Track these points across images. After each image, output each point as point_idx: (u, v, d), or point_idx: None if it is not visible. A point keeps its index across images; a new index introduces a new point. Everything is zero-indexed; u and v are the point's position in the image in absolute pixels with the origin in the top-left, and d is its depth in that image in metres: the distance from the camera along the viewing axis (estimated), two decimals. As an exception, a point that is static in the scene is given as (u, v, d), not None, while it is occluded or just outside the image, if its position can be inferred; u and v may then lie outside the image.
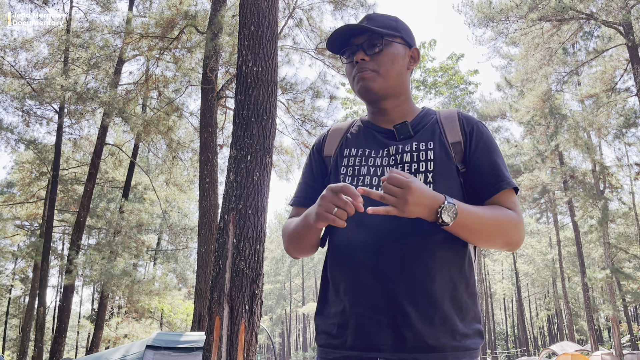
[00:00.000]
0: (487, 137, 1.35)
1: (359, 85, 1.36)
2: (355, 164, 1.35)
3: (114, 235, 17.14)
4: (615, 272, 22.52)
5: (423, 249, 1.22)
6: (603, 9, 16.86)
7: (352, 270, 1.26)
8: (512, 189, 1.30)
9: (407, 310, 1.19)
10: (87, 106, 13.94)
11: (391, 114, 1.40)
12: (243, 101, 5.08)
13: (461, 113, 1.40)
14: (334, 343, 1.27)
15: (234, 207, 4.77)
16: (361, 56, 1.34)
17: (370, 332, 1.20)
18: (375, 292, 1.21)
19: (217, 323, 4.53)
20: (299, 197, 1.47)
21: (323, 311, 1.34)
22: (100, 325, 17.22)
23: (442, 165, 1.29)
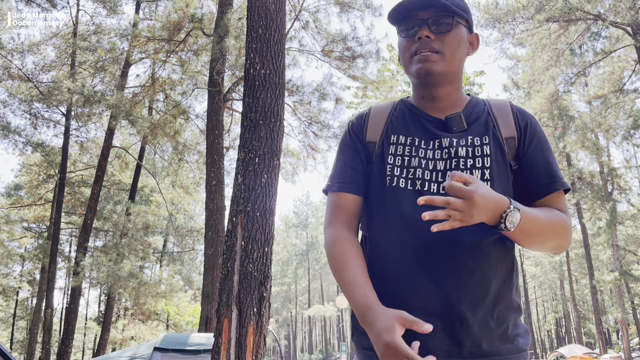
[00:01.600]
0: (540, 134, 1.28)
1: (419, 67, 1.21)
2: (405, 154, 1.24)
3: (120, 238, 17.20)
4: (624, 275, 22.36)
5: (478, 250, 1.15)
6: (611, 9, 16.77)
7: (403, 270, 1.16)
8: (563, 190, 1.24)
9: (464, 314, 1.12)
10: (94, 109, 14.00)
11: (443, 101, 1.27)
12: (251, 104, 5.07)
13: (514, 105, 1.31)
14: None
15: (242, 210, 4.76)
16: (427, 33, 1.21)
17: (423, 336, 1.11)
18: (430, 294, 1.14)
19: (226, 325, 4.51)
20: (344, 182, 1.28)
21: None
22: (107, 327, 17.26)
23: (498, 161, 1.21)
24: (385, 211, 1.22)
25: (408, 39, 1.25)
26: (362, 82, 13.88)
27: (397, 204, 1.20)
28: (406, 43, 1.25)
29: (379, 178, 1.24)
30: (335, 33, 13.22)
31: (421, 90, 1.29)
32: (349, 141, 1.33)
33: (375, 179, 1.26)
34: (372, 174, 1.27)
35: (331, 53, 13.15)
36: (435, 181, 1.20)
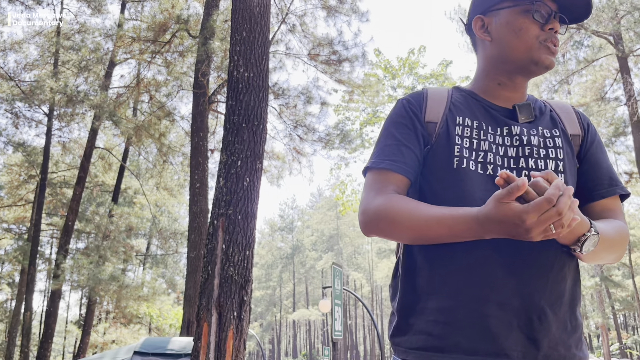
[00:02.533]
0: (599, 137, 1.25)
1: (549, 58, 1.15)
2: (473, 137, 1.14)
3: (102, 240, 16.99)
4: (604, 280, 22.67)
5: (554, 244, 1.05)
6: (593, 19, 17.04)
7: (473, 255, 1.04)
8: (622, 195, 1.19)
9: (545, 310, 1.02)
10: (77, 109, 13.85)
11: (516, 92, 1.21)
12: (234, 106, 5.05)
13: (574, 107, 1.28)
14: (438, 345, 1.03)
15: (223, 213, 4.73)
16: (559, 27, 1.16)
17: (496, 333, 1.00)
18: (507, 286, 1.02)
19: (205, 329, 4.47)
20: (397, 161, 1.13)
21: (414, 305, 1.09)
22: (87, 330, 17.03)
23: (568, 155, 1.15)
24: (450, 194, 1.10)
25: (534, 23, 1.15)
26: (349, 86, 13.92)
27: (466, 186, 1.09)
28: (531, 26, 1.15)
29: (444, 160, 1.12)
30: (322, 37, 13.25)
31: (504, 77, 1.21)
32: (405, 119, 1.18)
33: (437, 161, 1.13)
34: (433, 156, 1.14)
35: (317, 57, 13.17)
36: (508, 167, 1.12)
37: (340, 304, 9.88)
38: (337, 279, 10.11)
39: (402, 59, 21.80)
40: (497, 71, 1.21)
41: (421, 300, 1.08)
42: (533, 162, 1.12)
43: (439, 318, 1.04)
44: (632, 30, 16.68)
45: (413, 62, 21.79)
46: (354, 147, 14.58)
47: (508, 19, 1.17)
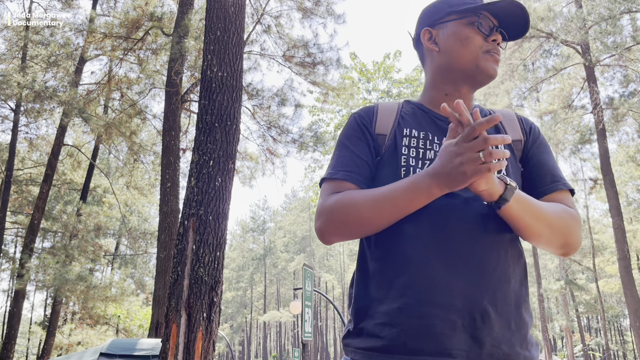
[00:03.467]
0: (543, 138, 1.30)
1: (492, 66, 1.23)
2: (420, 146, 1.19)
3: (70, 239, 16.63)
4: (569, 284, 23.24)
5: (499, 245, 1.10)
6: (562, 28, 17.48)
7: (420, 262, 1.07)
8: (569, 190, 1.23)
9: (487, 310, 1.05)
10: (45, 105, 13.52)
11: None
12: (207, 106, 5.02)
13: (517, 113, 1.34)
14: (385, 346, 1.06)
15: (194, 213, 4.70)
16: (500, 40, 1.25)
17: (440, 334, 1.03)
18: (450, 288, 1.05)
19: (174, 330, 4.43)
20: (350, 171, 1.19)
21: (367, 310, 1.13)
22: (52, 331, 16.63)
23: (510, 160, 1.21)
24: None
25: (479, 34, 1.24)
26: (323, 88, 13.96)
27: None
28: (477, 37, 1.23)
29: (392, 169, 1.18)
30: (297, 39, 13.26)
31: (450, 86, 1.28)
32: (358, 132, 1.25)
33: (386, 170, 1.19)
34: (382, 166, 1.20)
35: (292, 58, 13.17)
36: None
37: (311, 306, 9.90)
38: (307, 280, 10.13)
39: (378, 63, 21.99)
40: (444, 81, 1.28)
41: (373, 305, 1.12)
42: None
43: (386, 321, 1.07)
44: (599, 41, 17.18)
45: (388, 67, 22.01)
46: (328, 149, 14.63)
47: (455, 30, 1.25)
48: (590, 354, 31.60)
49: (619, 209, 16.19)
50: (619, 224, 15.86)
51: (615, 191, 16.36)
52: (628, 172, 23.42)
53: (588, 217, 25.86)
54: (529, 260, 33.67)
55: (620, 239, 15.71)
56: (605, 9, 16.52)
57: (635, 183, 23.86)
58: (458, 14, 1.25)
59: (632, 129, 20.80)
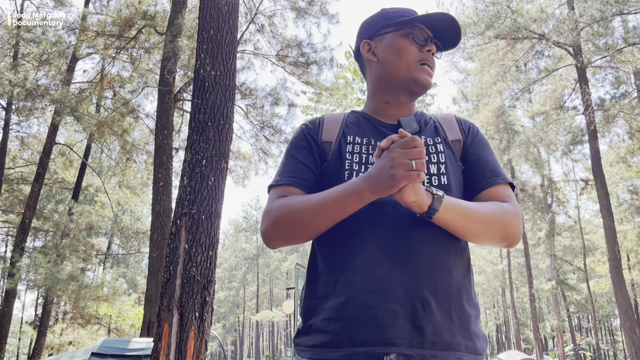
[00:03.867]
0: (482, 136, 1.36)
1: (426, 77, 1.30)
2: (363, 152, 1.25)
3: (61, 238, 16.53)
4: (560, 284, 23.38)
5: (439, 237, 1.14)
6: (554, 30, 17.58)
7: (360, 255, 1.12)
8: (508, 184, 1.28)
9: (428, 299, 1.08)
10: (36, 103, 13.44)
11: (402, 109, 1.35)
12: (200, 105, 5.01)
13: (457, 115, 1.40)
14: (331, 340, 1.10)
15: (187, 212, 4.69)
16: (434, 51, 1.33)
17: (382, 323, 1.06)
18: (391, 279, 1.09)
19: (166, 330, 4.42)
20: (294, 177, 1.25)
21: (315, 307, 1.16)
22: (43, 331, 16.53)
23: (450, 159, 1.26)
24: None
25: (414, 45, 1.31)
26: (317, 88, 13.97)
27: None
28: (412, 47, 1.31)
29: (336, 174, 1.24)
30: (291, 38, 13.26)
31: (390, 95, 1.35)
32: (303, 141, 1.32)
33: (331, 176, 1.25)
34: (328, 172, 1.26)
35: (286, 58, 13.17)
36: None
37: (304, 305, 9.88)
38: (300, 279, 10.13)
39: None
40: (384, 90, 1.35)
41: (320, 303, 1.15)
42: None
43: (332, 315, 1.11)
44: (591, 42, 17.29)
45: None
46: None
47: (391, 41, 1.32)
48: (581, 354, 31.81)
49: (610, 209, 16.31)
50: (609, 225, 15.98)
51: (606, 192, 16.48)
52: (619, 173, 23.59)
53: (579, 217, 26.02)
54: (521, 260, 33.86)
55: (611, 239, 15.83)
56: (597, 11, 16.63)
57: (625, 184, 24.04)
58: (394, 26, 1.32)
59: (622, 130, 20.96)
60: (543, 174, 24.41)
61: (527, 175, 27.88)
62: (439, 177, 1.22)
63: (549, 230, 23.48)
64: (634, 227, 22.54)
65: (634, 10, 16.16)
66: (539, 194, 25.57)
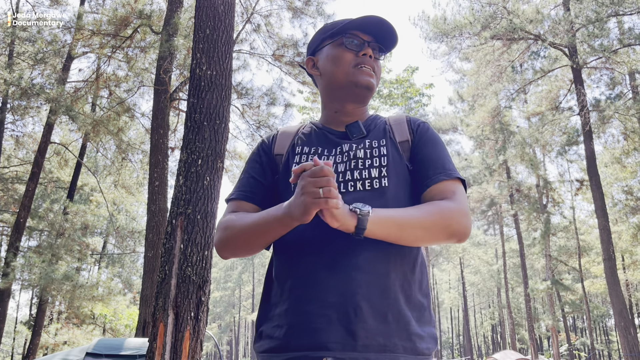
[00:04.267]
0: (431, 133, 1.36)
1: (365, 78, 1.33)
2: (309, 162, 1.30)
3: (56, 238, 16.47)
4: (555, 284, 23.45)
5: (376, 243, 1.17)
6: (550, 30, 17.63)
7: (302, 264, 1.19)
8: (456, 179, 1.27)
9: (360, 304, 1.12)
10: (31, 102, 13.38)
11: (352, 117, 1.39)
12: (196, 104, 5.00)
13: (409, 116, 1.42)
14: (276, 346, 1.17)
15: (182, 212, 4.68)
16: (371, 53, 1.35)
17: (317, 329, 1.12)
18: (326, 285, 1.14)
19: (161, 330, 4.41)
20: (245, 191, 1.35)
21: (266, 314, 1.24)
22: (37, 331, 16.46)
23: (395, 161, 1.29)
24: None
25: (349, 52, 1.35)
26: (313, 88, 13.96)
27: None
28: (346, 54, 1.35)
29: (286, 185, 1.31)
30: (287, 38, 13.24)
31: (337, 104, 1.39)
32: (256, 156, 1.42)
33: (281, 187, 1.33)
34: (279, 183, 1.34)
35: (282, 58, 13.15)
36: (337, 180, 1.26)
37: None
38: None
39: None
40: (331, 100, 1.40)
41: (271, 310, 1.23)
42: (358, 173, 1.27)
43: (278, 322, 1.19)
44: (587, 43, 17.35)
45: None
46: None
47: (328, 52, 1.38)
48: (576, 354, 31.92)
49: (605, 210, 16.37)
50: (604, 225, 16.04)
51: (601, 192, 16.54)
52: (614, 174, 23.68)
53: (574, 218, 26.10)
54: (516, 260, 33.94)
55: (606, 239, 15.89)
56: (593, 12, 16.68)
57: (620, 184, 24.13)
58: (329, 38, 1.39)
59: (617, 131, 21.04)
60: (538, 174, 24.48)
61: (522, 175, 27.98)
62: (380, 180, 1.25)
63: (544, 231, 23.55)
64: (629, 227, 22.62)
65: (630, 11, 16.23)
66: (535, 194, 25.64)
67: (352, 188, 1.25)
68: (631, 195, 22.82)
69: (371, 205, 1.15)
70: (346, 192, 1.24)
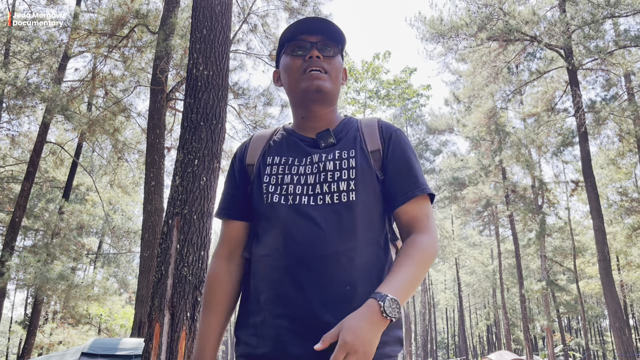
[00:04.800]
0: (404, 144, 1.36)
1: (311, 83, 1.32)
2: (279, 172, 1.33)
3: (52, 237, 16.43)
4: (550, 284, 23.53)
5: (344, 257, 1.21)
6: (546, 32, 17.69)
7: (273, 280, 1.23)
8: (427, 195, 1.30)
9: (326, 320, 1.17)
10: (27, 101, 13.33)
11: (320, 121, 1.38)
12: (192, 104, 5.01)
13: (381, 121, 1.41)
14: (253, 353, 1.24)
15: (178, 212, 4.68)
16: (317, 54, 1.33)
17: (288, 342, 1.18)
18: (295, 302, 1.20)
19: (157, 330, 4.41)
20: (223, 208, 1.42)
21: (244, 322, 1.30)
22: (33, 331, 16.41)
23: (364, 172, 1.29)
24: (263, 226, 1.31)
25: (296, 58, 1.35)
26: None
27: (273, 218, 1.28)
28: (294, 62, 1.35)
29: (258, 197, 1.33)
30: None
31: (301, 110, 1.39)
32: (230, 169, 1.45)
33: (255, 198, 1.35)
34: (252, 194, 1.37)
35: (279, 58, 13.14)
36: (306, 194, 1.28)
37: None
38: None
39: (367, 63, 22.09)
40: (297, 107, 1.41)
41: (248, 318, 1.29)
42: (327, 186, 1.27)
43: (254, 332, 1.25)
44: (582, 45, 17.42)
45: (376, 67, 22.12)
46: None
47: (282, 64, 1.40)
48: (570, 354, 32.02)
49: (600, 211, 16.44)
50: (599, 226, 16.10)
51: (596, 193, 16.60)
52: (609, 175, 23.78)
53: (570, 218, 26.20)
54: (511, 261, 34.02)
55: (601, 240, 15.95)
56: (588, 14, 16.75)
57: (615, 185, 24.23)
58: (281, 48, 1.41)
59: (612, 133, 21.13)
60: (534, 175, 24.55)
61: (518, 176, 28.06)
62: (348, 193, 1.25)
63: (540, 231, 23.62)
64: (624, 228, 22.72)
65: (625, 13, 16.31)
66: (530, 195, 25.72)
67: (322, 201, 1.26)
68: (626, 197, 22.92)
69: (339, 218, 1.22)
70: (315, 205, 1.25)
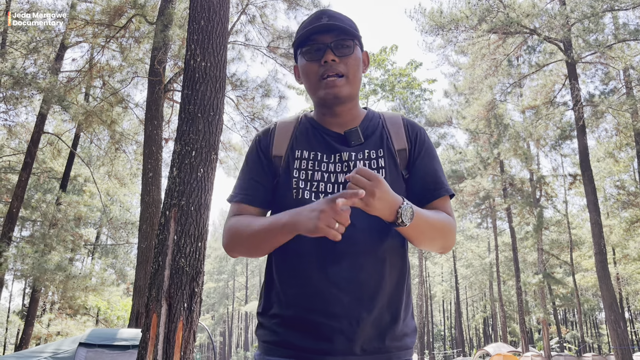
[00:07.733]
0: (429, 145, 1.40)
1: (327, 92, 1.31)
2: (309, 168, 1.33)
3: (49, 228, 16.42)
4: (547, 277, 23.63)
5: (375, 256, 1.26)
6: (546, 25, 17.64)
7: (306, 276, 1.25)
8: (449, 195, 1.36)
9: (361, 316, 1.22)
10: (24, 92, 13.27)
11: (343, 117, 1.37)
12: (190, 96, 4.99)
13: (405, 119, 1.43)
14: (277, 340, 1.27)
15: (176, 203, 4.68)
16: (332, 57, 1.29)
17: (324, 337, 1.22)
18: (330, 298, 1.23)
19: (154, 320, 4.42)
20: (247, 194, 1.36)
21: (269, 311, 1.32)
22: (30, 321, 16.44)
23: (391, 173, 1.32)
24: None
25: (312, 62, 1.32)
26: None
27: None
28: (311, 66, 1.32)
29: (286, 191, 1.32)
30: (282, 30, 13.19)
31: (324, 109, 1.37)
32: (255, 155, 1.40)
33: (282, 192, 1.33)
34: (279, 187, 1.35)
35: (277, 49, 13.11)
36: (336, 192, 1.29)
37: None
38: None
39: (374, 55, 22.12)
40: (319, 107, 1.39)
41: (273, 307, 1.30)
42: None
43: (280, 321, 1.27)
44: (582, 38, 17.38)
45: (382, 60, 22.16)
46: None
47: (300, 65, 1.37)
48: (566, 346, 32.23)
49: (597, 204, 16.48)
50: (596, 219, 16.15)
51: (593, 187, 16.64)
52: (606, 168, 23.82)
53: (567, 212, 26.27)
54: (508, 254, 34.11)
55: (597, 233, 16.01)
56: (588, 7, 16.71)
57: (613, 179, 24.28)
58: (296, 47, 1.37)
59: (610, 126, 21.15)
60: (532, 168, 24.59)
61: (516, 169, 28.09)
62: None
63: (537, 225, 23.69)
64: (620, 221, 22.80)
65: (625, 6, 16.26)
66: (528, 188, 25.76)
67: None
68: (623, 190, 22.97)
69: (368, 219, 1.23)
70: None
